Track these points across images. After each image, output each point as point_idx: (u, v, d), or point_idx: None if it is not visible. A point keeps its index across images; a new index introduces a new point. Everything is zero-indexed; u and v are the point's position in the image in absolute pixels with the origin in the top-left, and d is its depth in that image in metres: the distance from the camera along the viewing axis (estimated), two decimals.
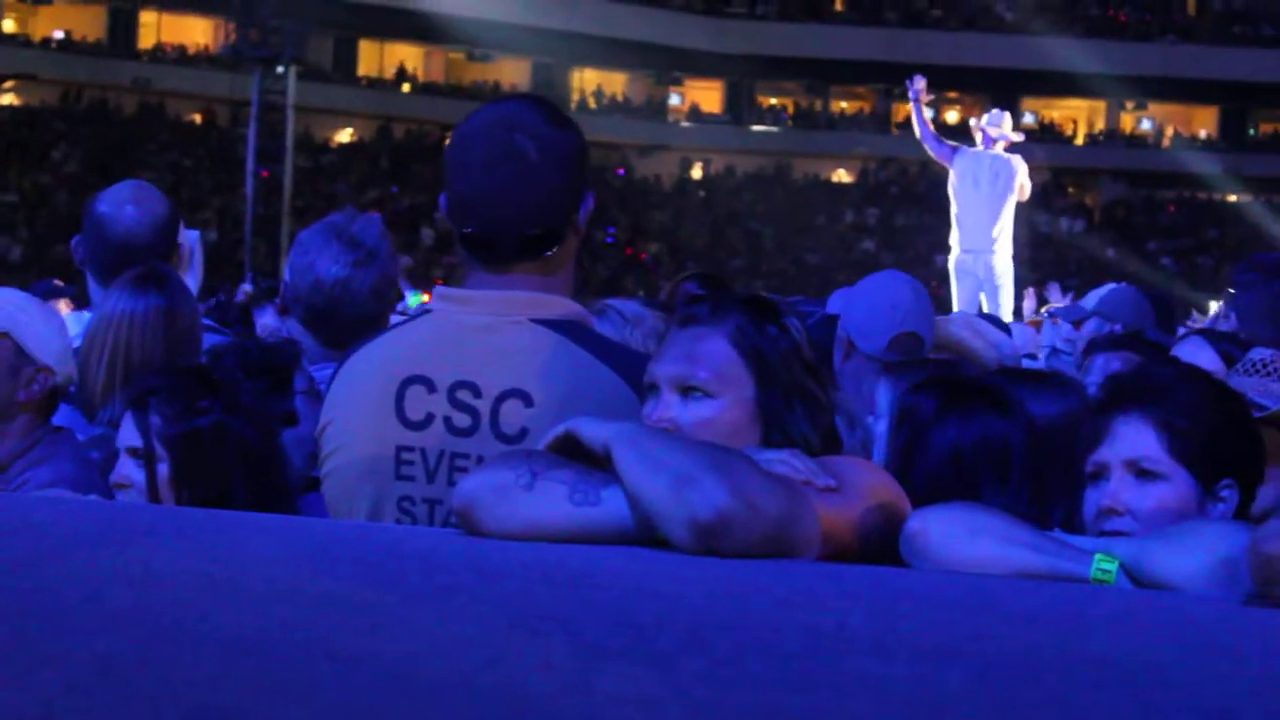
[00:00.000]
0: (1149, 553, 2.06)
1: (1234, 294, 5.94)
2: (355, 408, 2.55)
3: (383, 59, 45.52)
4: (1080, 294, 9.44)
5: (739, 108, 47.16)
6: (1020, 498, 2.60)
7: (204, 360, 3.33)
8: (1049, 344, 7.14)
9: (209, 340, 3.65)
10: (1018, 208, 12.55)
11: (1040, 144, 33.66)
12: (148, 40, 42.90)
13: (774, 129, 46.98)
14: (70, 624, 1.36)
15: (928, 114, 12.66)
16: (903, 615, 1.64)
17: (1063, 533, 2.25)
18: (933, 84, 12.70)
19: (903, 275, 4.51)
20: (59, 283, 11.41)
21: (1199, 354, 4.28)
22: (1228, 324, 7.15)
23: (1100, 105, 46.53)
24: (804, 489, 2.01)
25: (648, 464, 1.93)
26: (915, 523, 2.08)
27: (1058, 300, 11.31)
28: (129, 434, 2.78)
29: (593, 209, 2.60)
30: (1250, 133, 47.03)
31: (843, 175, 46.73)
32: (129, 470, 2.77)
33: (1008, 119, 12.61)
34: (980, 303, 12.16)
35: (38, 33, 41.93)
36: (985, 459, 2.63)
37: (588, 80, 46.79)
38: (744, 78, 46.26)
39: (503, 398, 2.45)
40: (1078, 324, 6.11)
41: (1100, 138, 46.97)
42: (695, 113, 47.47)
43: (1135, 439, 2.44)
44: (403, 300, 5.54)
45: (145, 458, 2.74)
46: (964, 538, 2.04)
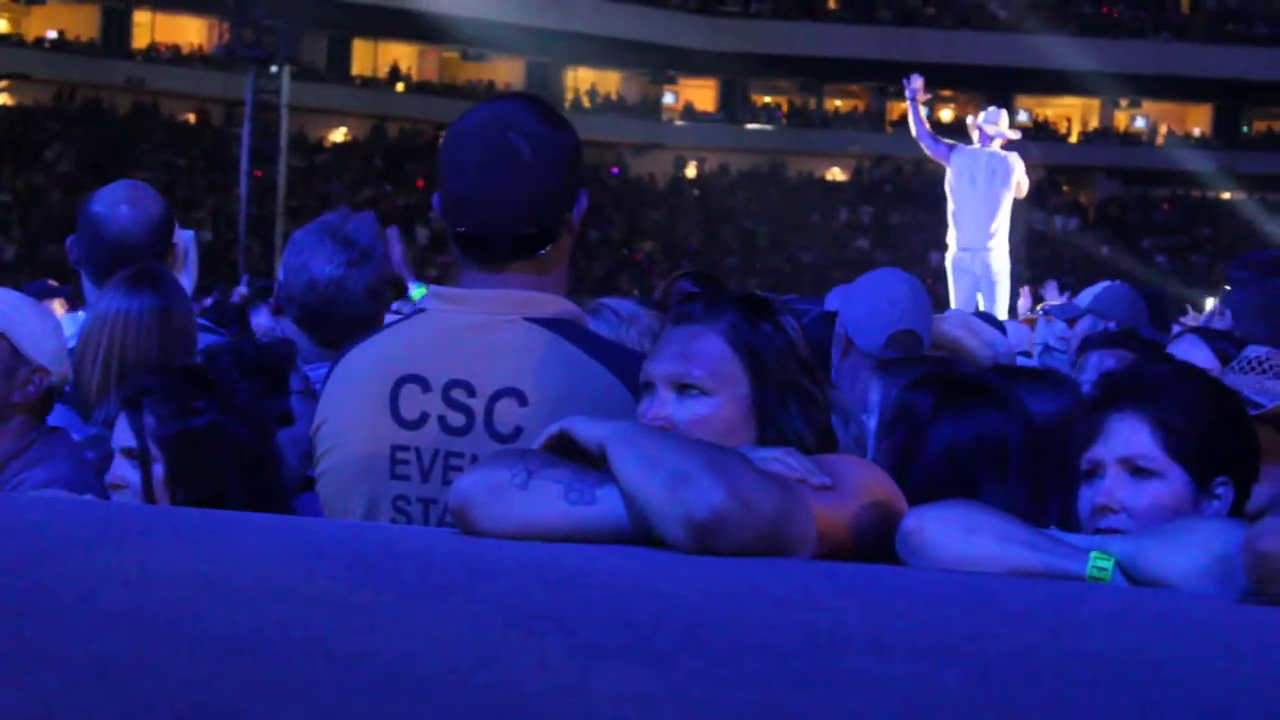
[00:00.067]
0: (1144, 550, 2.06)
1: (1229, 291, 5.94)
2: (350, 407, 2.55)
3: (377, 58, 45.49)
4: (1075, 292, 9.45)
5: (733, 106, 47.16)
6: (1019, 494, 2.60)
7: (199, 360, 3.33)
8: (1042, 341, 7.14)
9: (204, 340, 3.65)
10: (1013, 206, 12.55)
11: (1034, 142, 33.64)
12: (141, 40, 42.87)
13: (768, 127, 46.98)
14: (66, 624, 1.36)
15: (924, 112, 12.67)
16: (899, 613, 1.64)
17: (1058, 531, 2.25)
18: (927, 82, 12.70)
19: (901, 273, 4.52)
20: (53, 282, 11.39)
21: (1194, 352, 4.28)
22: (1222, 321, 7.16)
23: (1094, 103, 46.57)
24: (799, 487, 2.01)
25: (643, 463, 1.93)
26: (911, 521, 2.08)
27: (1055, 298, 11.32)
28: (123, 434, 2.77)
29: (586, 208, 2.61)
30: (1244, 130, 47.09)
31: (837, 173, 46.75)
32: (124, 470, 2.77)
33: (1004, 117, 12.61)
34: (977, 301, 12.16)
35: (31, 32, 41.88)
36: (983, 455, 2.63)
37: (582, 79, 46.79)
38: (738, 76, 46.27)
39: (497, 396, 2.45)
40: (1072, 322, 6.11)
41: (1094, 136, 47.02)
42: (689, 111, 47.47)
43: (1130, 436, 2.44)
44: (406, 291, 5.54)
45: (140, 458, 2.74)
46: (960, 536, 2.04)
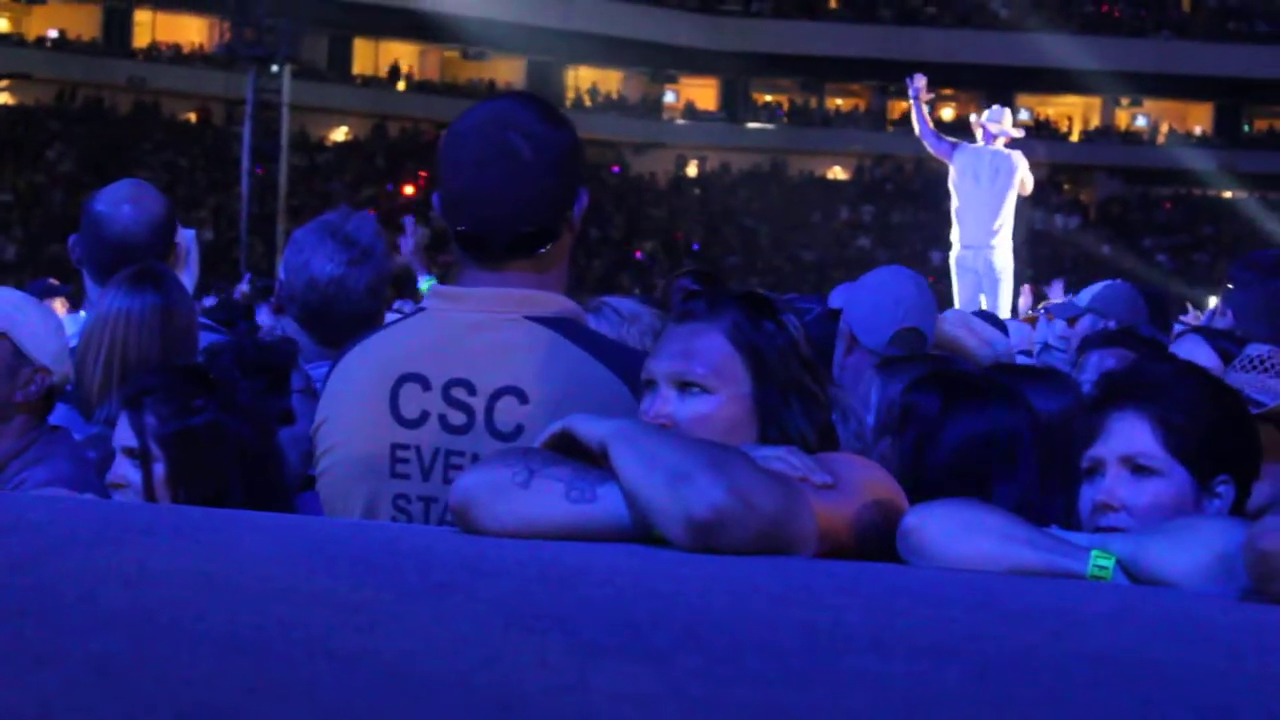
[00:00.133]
0: (1145, 549, 2.06)
1: (1230, 291, 5.94)
2: (350, 406, 2.55)
3: (377, 57, 45.49)
4: (1076, 292, 9.42)
5: (734, 105, 47.16)
6: (1031, 490, 2.61)
7: (200, 359, 3.33)
8: (1042, 340, 7.13)
9: (205, 339, 3.65)
10: (1016, 204, 12.53)
11: (1036, 140, 33.66)
12: (142, 39, 42.87)
13: (769, 126, 46.98)
14: (67, 623, 1.36)
15: (926, 111, 12.65)
16: (899, 612, 1.64)
17: (1059, 529, 2.25)
18: (928, 82, 12.69)
19: (906, 271, 4.54)
20: (54, 282, 11.41)
21: (1196, 352, 4.29)
22: (1224, 321, 7.15)
23: (1095, 102, 46.56)
24: (800, 486, 2.01)
25: (644, 461, 1.93)
26: (912, 519, 2.08)
27: (1059, 298, 11.28)
28: (124, 434, 2.77)
29: (587, 206, 2.60)
30: (1245, 129, 47.08)
31: (838, 172, 46.74)
32: (125, 470, 2.77)
33: (1008, 115, 12.60)
34: (981, 300, 12.15)
35: (32, 32, 41.89)
36: (996, 452, 2.64)
37: (583, 78, 46.78)
38: (739, 75, 46.26)
39: (497, 395, 2.45)
40: (1072, 321, 6.11)
41: (1095, 135, 47.00)
42: (690, 110, 47.47)
43: (1131, 435, 2.44)
44: (416, 281, 5.56)
45: (141, 457, 2.73)
46: (960, 534, 2.04)
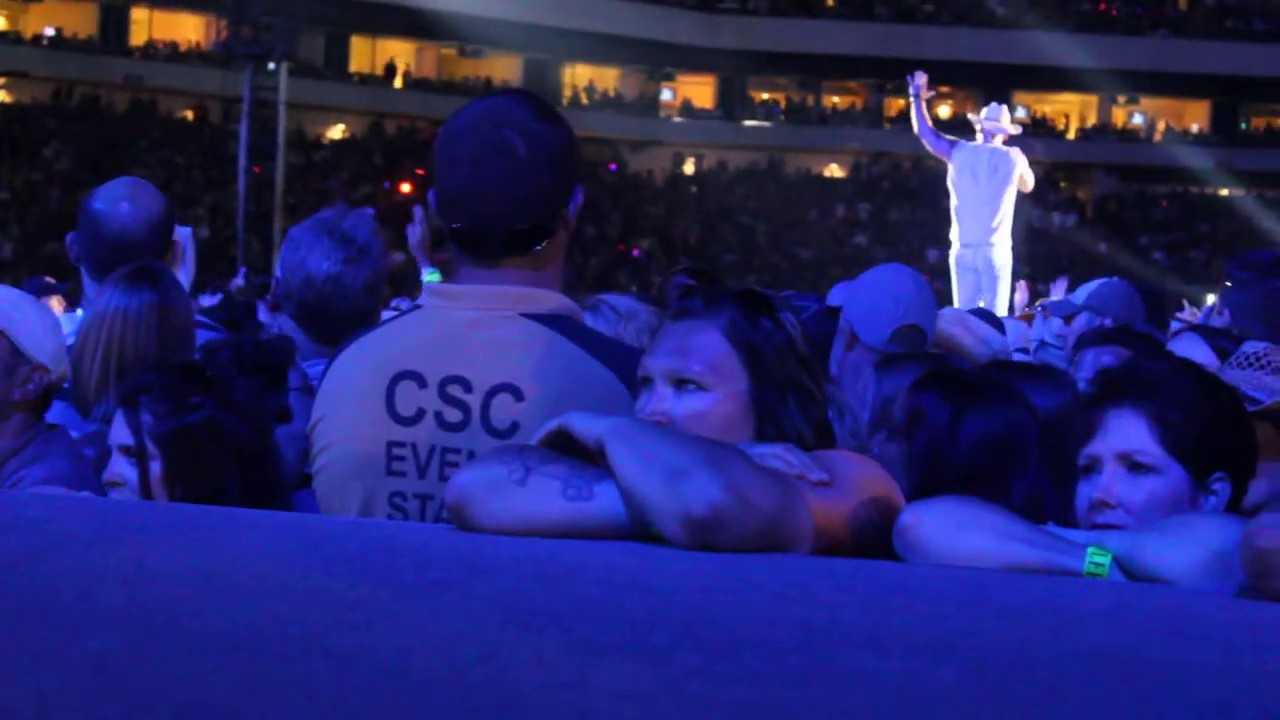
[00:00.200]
0: (1142, 546, 2.06)
1: (1228, 290, 5.94)
2: (346, 404, 2.55)
3: (374, 55, 45.46)
4: (1072, 289, 9.42)
5: (731, 103, 47.15)
6: (1040, 486, 2.62)
7: (197, 357, 3.33)
8: (1039, 338, 7.14)
9: (203, 336, 3.65)
10: (1015, 201, 12.53)
11: (1033, 138, 33.66)
12: (139, 37, 42.84)
13: (766, 124, 46.96)
14: (64, 621, 1.36)
15: (926, 109, 12.65)
16: (896, 609, 1.64)
17: (1056, 526, 2.25)
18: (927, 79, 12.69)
19: (906, 268, 4.56)
20: (51, 280, 11.39)
21: (1193, 350, 4.29)
22: (1221, 319, 7.15)
23: (1092, 100, 46.55)
24: (797, 483, 2.01)
25: (641, 459, 1.93)
26: (908, 516, 2.08)
27: (1060, 297, 11.26)
28: (120, 432, 2.77)
29: (582, 203, 2.60)
30: (1242, 127, 47.10)
31: (835, 170, 46.73)
32: (121, 468, 2.77)
33: (1005, 112, 12.61)
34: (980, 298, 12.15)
35: (29, 30, 41.86)
36: (1011, 450, 2.65)
37: (580, 76, 46.77)
38: (736, 73, 46.25)
39: (493, 392, 2.45)
40: (1068, 319, 6.11)
41: (1092, 132, 47.00)
42: (687, 108, 47.45)
43: (1127, 432, 2.44)
44: (420, 275, 5.57)
45: (137, 455, 2.73)
46: (956, 531, 2.04)
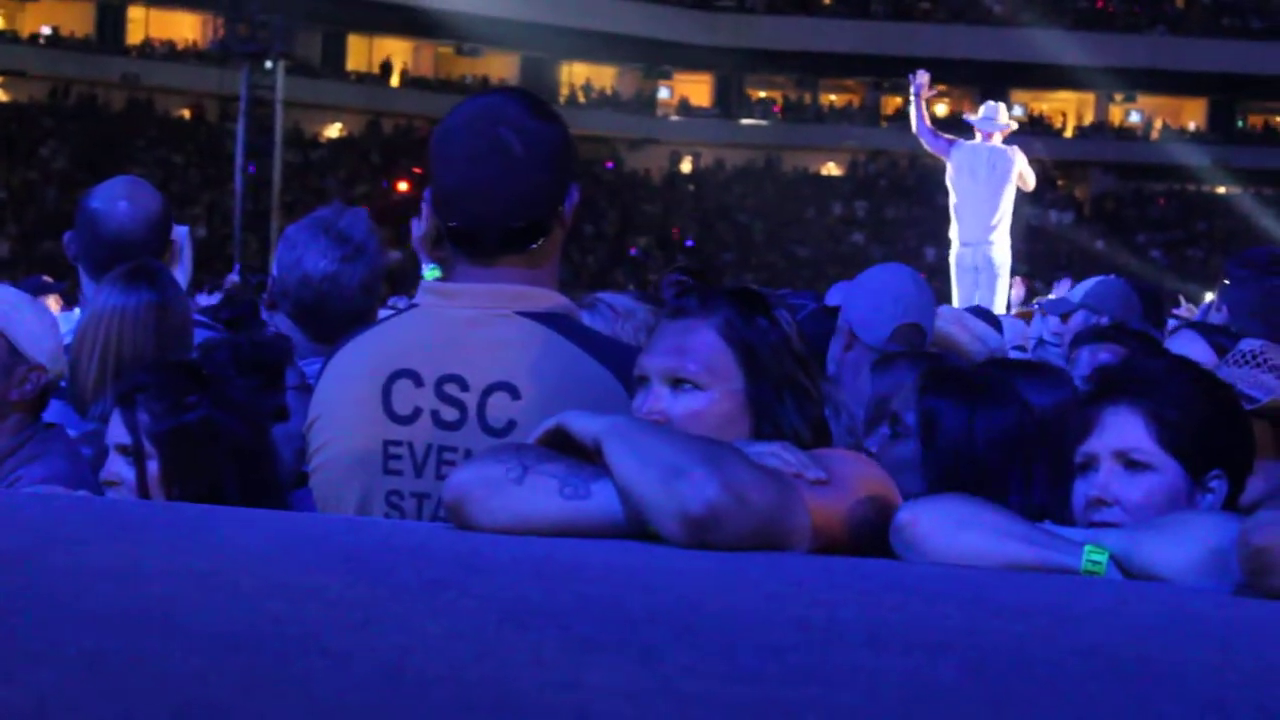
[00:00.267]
0: (1139, 544, 2.07)
1: (1226, 288, 5.94)
2: (343, 402, 2.55)
3: (371, 53, 45.47)
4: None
5: (728, 101, 47.17)
6: (1042, 483, 2.62)
7: (195, 355, 3.32)
8: (1037, 336, 7.14)
9: (200, 335, 3.65)
10: (1014, 199, 12.52)
11: (1030, 136, 33.68)
12: (136, 36, 42.83)
13: (763, 122, 46.98)
14: (60, 620, 1.36)
15: (925, 108, 12.64)
16: (893, 608, 1.64)
17: (1053, 524, 2.25)
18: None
19: (905, 268, 4.58)
20: (48, 279, 11.38)
21: (1192, 346, 4.29)
22: (1219, 317, 7.15)
23: (1089, 98, 46.59)
24: (794, 482, 2.01)
25: (638, 457, 1.93)
26: (905, 515, 2.08)
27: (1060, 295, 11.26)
28: (117, 431, 2.77)
29: (578, 201, 2.60)
30: (1239, 125, 47.14)
31: (832, 168, 46.74)
32: (118, 467, 2.76)
33: (1002, 109, 12.60)
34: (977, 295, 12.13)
35: (26, 29, 41.85)
36: (1029, 447, 2.66)
37: (577, 74, 46.78)
38: (733, 71, 46.26)
39: (489, 391, 2.45)
40: (1065, 316, 6.10)
41: (1089, 130, 47.01)
42: (684, 106, 47.47)
43: (1124, 430, 2.44)
44: (420, 271, 5.58)
45: (134, 454, 2.73)
46: (954, 529, 2.04)
